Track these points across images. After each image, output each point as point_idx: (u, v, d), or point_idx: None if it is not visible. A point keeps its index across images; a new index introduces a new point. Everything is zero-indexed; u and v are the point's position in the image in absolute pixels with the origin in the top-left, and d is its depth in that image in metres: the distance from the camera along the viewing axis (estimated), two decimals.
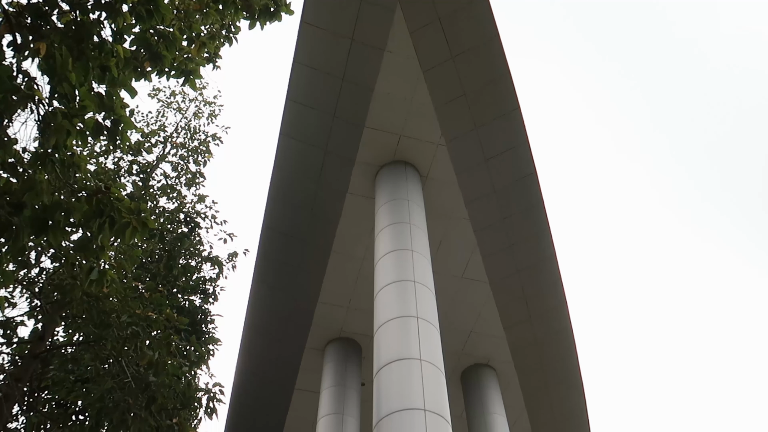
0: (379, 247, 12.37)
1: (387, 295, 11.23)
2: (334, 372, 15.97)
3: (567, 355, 17.33)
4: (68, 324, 9.96)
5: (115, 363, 8.17)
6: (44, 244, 7.57)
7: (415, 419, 9.11)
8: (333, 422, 14.84)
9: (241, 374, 18.09)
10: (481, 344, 16.97)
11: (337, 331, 16.59)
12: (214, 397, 8.26)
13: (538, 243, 15.16)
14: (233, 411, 18.94)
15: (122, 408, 7.70)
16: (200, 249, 11.95)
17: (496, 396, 16.94)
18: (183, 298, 12.02)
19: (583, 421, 19.12)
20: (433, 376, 9.88)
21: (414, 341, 10.22)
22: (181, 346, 8.05)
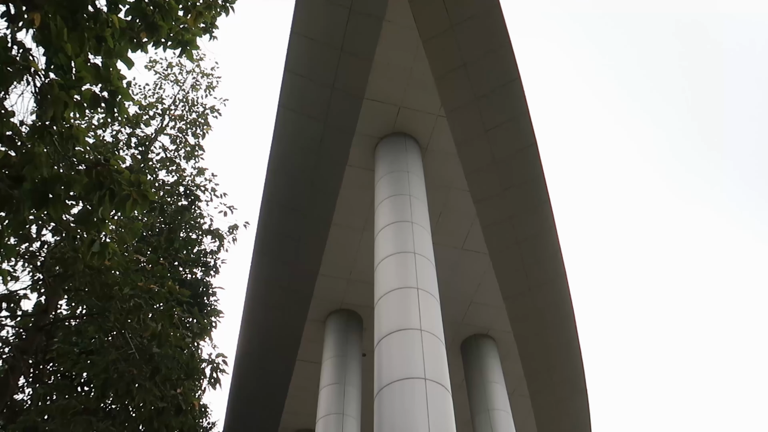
0: (379, 218, 12.38)
1: (387, 266, 11.29)
2: (335, 343, 16.15)
3: (566, 325, 17.50)
4: (71, 297, 10.04)
5: (118, 335, 8.25)
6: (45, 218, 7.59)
7: (416, 388, 9.24)
8: (335, 392, 15.07)
9: (244, 346, 18.30)
10: (481, 314, 17.13)
11: (338, 303, 16.72)
12: (217, 367, 8.37)
13: (538, 214, 15.18)
14: (236, 381, 19.22)
15: (127, 379, 7.80)
16: (200, 222, 11.97)
17: (496, 365, 17.17)
18: (184, 271, 12.09)
19: (581, 389, 19.41)
20: (433, 345, 9.99)
21: (414, 312, 10.31)
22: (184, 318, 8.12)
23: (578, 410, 20.19)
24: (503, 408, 16.32)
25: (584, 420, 20.61)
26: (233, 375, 19.24)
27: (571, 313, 17.19)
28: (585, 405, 20.06)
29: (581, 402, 19.89)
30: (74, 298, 9.88)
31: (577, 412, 20.24)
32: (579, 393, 19.57)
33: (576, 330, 17.59)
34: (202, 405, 9.13)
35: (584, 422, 20.71)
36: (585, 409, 20.24)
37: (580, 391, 19.50)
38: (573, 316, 17.25)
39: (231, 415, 20.09)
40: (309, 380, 17.91)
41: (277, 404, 19.43)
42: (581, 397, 19.74)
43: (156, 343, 7.46)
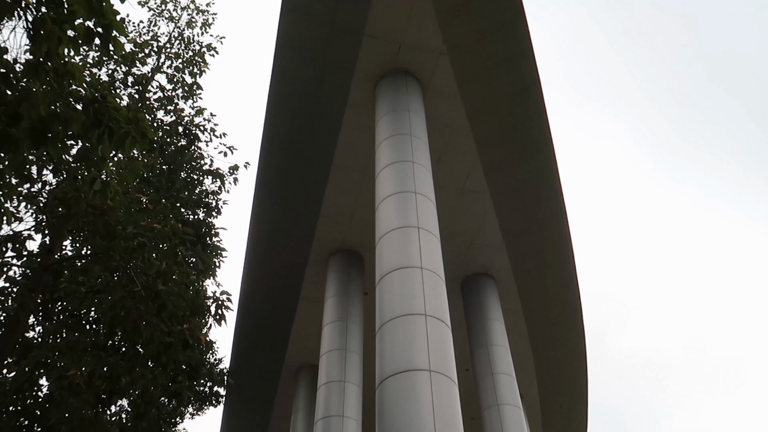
0: (380, 158, 12.34)
1: (388, 206, 11.33)
2: (337, 282, 16.42)
3: (565, 264, 17.73)
4: (75, 237, 10.13)
5: (124, 274, 8.39)
6: (45, 158, 7.58)
7: (417, 323, 9.47)
8: (337, 328, 15.45)
9: (248, 285, 18.62)
10: (481, 254, 17.33)
11: (339, 243, 16.89)
12: (222, 304, 8.53)
13: (540, 155, 15.11)
14: (241, 319, 19.67)
15: (134, 316, 7.98)
16: (201, 163, 11.93)
17: (495, 303, 17.51)
18: (187, 212, 12.15)
19: (578, 326, 19.86)
20: (433, 283, 10.16)
21: (415, 250, 10.42)
22: (188, 256, 8.22)
23: (575, 348, 20.75)
24: (502, 344, 16.77)
25: (580, 357, 21.21)
26: (238, 313, 19.68)
27: (571, 253, 17.38)
28: (582, 342, 20.58)
29: (578, 340, 20.41)
30: (78, 238, 9.97)
31: (573, 349, 20.80)
32: (576, 331, 20.04)
33: (575, 269, 17.83)
34: (208, 341, 9.38)
35: (580, 359, 21.31)
36: (582, 347, 20.79)
37: (578, 329, 19.96)
38: (572, 256, 17.45)
39: (237, 351, 20.67)
40: (312, 318, 18.32)
41: (281, 341, 19.96)
42: (578, 335, 20.23)
43: (161, 281, 7.58)
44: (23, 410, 10.13)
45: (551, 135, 14.70)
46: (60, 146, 5.44)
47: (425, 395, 8.66)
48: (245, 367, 20.93)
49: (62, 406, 8.79)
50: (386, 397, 8.98)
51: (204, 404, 16.12)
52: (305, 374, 20.66)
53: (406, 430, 8.37)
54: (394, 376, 9.04)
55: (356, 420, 14.36)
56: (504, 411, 15.64)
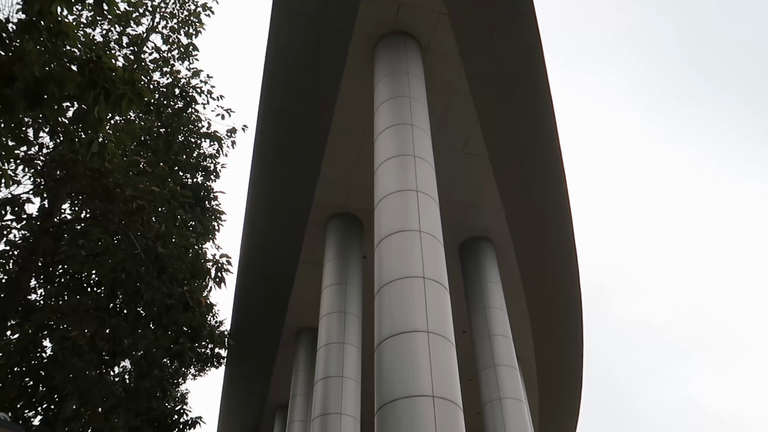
0: (379, 121, 12.25)
1: (387, 169, 11.31)
2: (336, 245, 16.50)
3: (563, 229, 17.80)
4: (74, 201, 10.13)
5: (123, 236, 8.42)
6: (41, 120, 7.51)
7: (415, 286, 9.55)
8: (337, 292, 15.59)
9: (247, 248, 18.72)
10: (480, 218, 17.37)
11: (338, 207, 16.91)
12: (222, 267, 8.59)
13: (540, 118, 15.01)
14: (241, 282, 19.84)
15: (134, 278, 8.05)
16: (198, 125, 11.84)
17: (493, 267, 17.64)
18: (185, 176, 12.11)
19: (575, 289, 20.06)
20: (432, 246, 10.21)
21: (414, 214, 10.45)
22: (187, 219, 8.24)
23: (572, 311, 21.00)
24: (499, 306, 16.96)
25: (577, 320, 21.48)
26: (238, 276, 19.84)
27: (569, 216, 17.43)
28: (578, 305, 20.82)
29: (575, 303, 20.63)
30: (77, 201, 9.97)
31: (570, 312, 21.05)
32: (573, 294, 20.25)
33: (573, 232, 17.91)
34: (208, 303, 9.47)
35: (577, 322, 21.59)
36: (578, 310, 21.04)
37: (575, 292, 20.17)
38: (570, 219, 17.51)
39: (237, 314, 20.91)
40: (311, 281, 18.47)
41: (281, 304, 20.17)
42: (575, 298, 20.44)
43: (161, 243, 7.62)
44: (28, 371, 10.30)
45: (551, 98, 14.57)
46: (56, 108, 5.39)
47: (423, 356, 8.80)
48: (246, 330, 21.21)
49: (66, 366, 8.93)
50: (385, 357, 9.13)
51: (205, 366, 16.37)
52: (305, 336, 20.94)
53: (404, 389, 8.53)
54: (393, 337, 9.17)
55: (355, 380, 14.62)
56: (500, 372, 15.92)
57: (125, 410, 9.57)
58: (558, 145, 15.65)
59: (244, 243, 18.67)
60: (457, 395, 8.78)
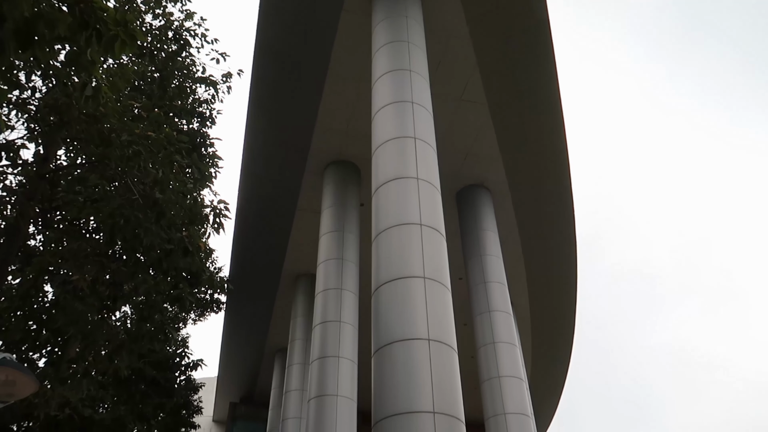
0: (377, 67, 12.05)
1: (384, 115, 11.21)
2: (333, 193, 16.52)
3: (560, 176, 17.81)
4: (70, 146, 10.05)
5: (120, 182, 8.41)
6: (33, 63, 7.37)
7: (412, 232, 9.63)
8: (334, 239, 15.71)
9: (244, 195, 18.74)
10: (477, 166, 17.33)
11: (335, 155, 16.83)
12: (220, 213, 8.62)
13: (540, 63, 14.77)
14: (239, 229, 19.95)
15: (133, 224, 8.09)
16: (193, 70, 11.63)
17: (490, 214, 17.73)
18: (180, 122, 11.99)
19: (570, 236, 20.24)
20: (429, 193, 10.24)
21: (411, 161, 10.42)
22: (184, 164, 8.22)
23: (566, 258, 21.25)
24: (495, 254, 17.15)
25: (571, 266, 21.76)
26: (236, 223, 19.93)
27: (566, 164, 17.42)
28: (573, 252, 21.05)
29: (570, 250, 20.86)
30: (73, 146, 9.90)
31: (565, 259, 21.31)
32: (568, 241, 20.44)
33: (570, 180, 17.94)
34: (207, 248, 9.56)
35: (571, 269, 21.88)
36: (573, 257, 21.28)
37: (570, 239, 20.35)
38: (568, 167, 17.50)
39: (236, 261, 21.12)
40: (309, 228, 18.58)
41: (279, 250, 20.35)
42: (570, 245, 20.65)
43: (158, 189, 7.62)
44: (31, 314, 10.48)
45: (552, 43, 14.31)
46: (47, 50, 5.28)
47: (419, 301, 8.97)
48: (244, 276, 21.47)
49: (68, 310, 9.09)
50: (381, 302, 9.30)
51: (205, 311, 16.66)
52: (303, 282, 21.23)
53: (400, 333, 8.73)
54: (390, 282, 9.31)
55: (353, 325, 14.92)
56: (495, 317, 16.26)
57: (128, 352, 9.80)
58: (557, 92, 15.47)
59: (241, 190, 18.67)
60: (452, 338, 8.99)
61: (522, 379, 15.75)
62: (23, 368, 5.92)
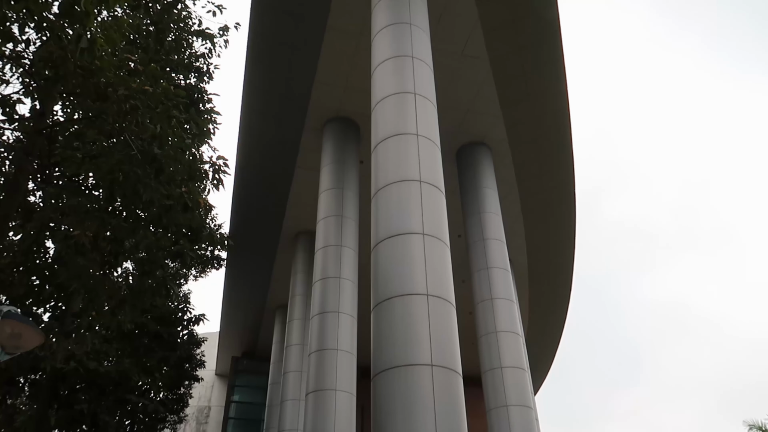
0: (376, 21, 11.82)
1: (384, 70, 11.06)
2: (333, 150, 16.44)
3: (561, 132, 17.70)
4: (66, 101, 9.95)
5: (118, 138, 8.36)
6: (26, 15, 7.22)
7: (411, 189, 9.64)
8: (334, 196, 15.73)
9: (243, 152, 18.65)
10: (478, 123, 17.21)
11: (335, 111, 16.68)
12: (219, 169, 8.60)
13: (542, 18, 14.48)
14: (238, 187, 19.93)
15: (132, 179, 8.07)
16: (189, 23, 11.39)
17: (489, 172, 17.70)
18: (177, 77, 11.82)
19: (570, 193, 20.25)
20: (428, 149, 10.20)
21: (411, 117, 10.34)
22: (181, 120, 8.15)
23: (565, 215, 21.31)
24: (494, 211, 17.20)
25: (570, 224, 21.85)
26: (235, 181, 19.91)
27: (567, 121, 17.29)
28: (572, 210, 21.10)
29: (568, 207, 20.90)
30: (70, 102, 9.80)
31: (563, 217, 21.37)
32: (567, 199, 20.46)
33: (570, 137, 17.84)
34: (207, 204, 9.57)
35: (569, 226, 21.97)
36: (571, 214, 21.34)
37: (569, 196, 20.37)
38: (569, 124, 17.38)
39: (235, 218, 21.18)
40: (309, 186, 18.56)
41: (279, 208, 20.40)
42: (569, 202, 20.68)
43: (157, 144, 7.58)
44: (33, 270, 10.58)
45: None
46: (41, 2, 5.19)
47: (418, 257, 9.04)
48: (244, 233, 21.56)
49: (70, 265, 9.16)
50: (381, 258, 9.38)
51: (206, 267, 16.82)
52: (303, 239, 21.35)
53: (399, 288, 8.84)
54: (389, 239, 9.37)
55: (352, 281, 15.09)
56: (493, 274, 16.42)
57: (131, 306, 9.93)
58: (560, 47, 15.23)
59: (240, 147, 18.58)
60: (451, 294, 9.11)
61: (519, 334, 16.02)
62: (28, 321, 6.02)
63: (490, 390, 15.00)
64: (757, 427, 26.46)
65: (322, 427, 12.83)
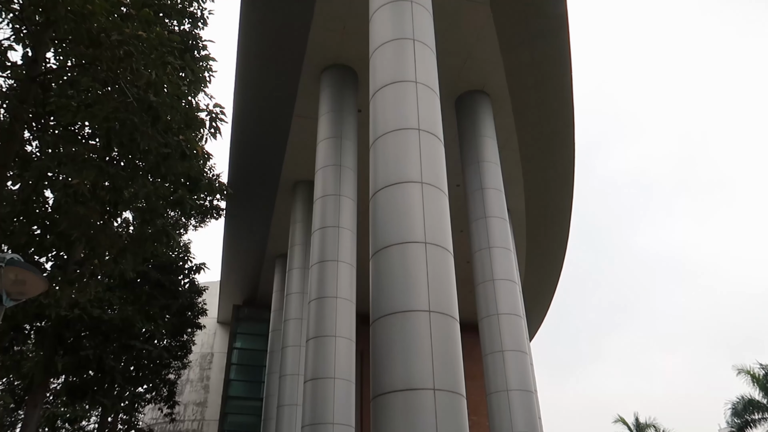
0: None
1: (382, 15, 10.82)
2: (330, 98, 16.24)
3: (561, 78, 17.47)
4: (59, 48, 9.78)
5: (113, 86, 8.25)
6: None
7: (410, 137, 9.60)
8: (332, 145, 15.64)
9: (240, 101, 18.44)
10: (477, 70, 16.94)
11: (332, 58, 16.39)
12: (216, 117, 8.53)
13: None
14: (236, 136, 19.80)
15: (129, 128, 8.03)
16: None
17: (489, 120, 17.55)
18: (171, 23, 11.57)
19: (569, 143, 20.17)
20: (427, 97, 10.09)
21: (410, 63, 10.19)
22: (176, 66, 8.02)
23: (564, 165, 21.27)
24: (493, 160, 17.16)
25: (568, 174, 21.84)
26: (232, 130, 19.75)
27: (568, 67, 17.04)
28: (571, 160, 21.06)
29: (568, 157, 20.85)
30: (62, 49, 9.63)
31: (562, 166, 21.34)
32: (567, 148, 20.39)
33: (571, 84, 17.64)
34: (205, 152, 9.54)
35: (568, 176, 21.97)
36: (570, 164, 21.31)
37: (568, 146, 20.29)
38: (570, 70, 17.14)
39: (233, 168, 21.14)
40: (306, 135, 18.43)
41: (276, 157, 20.31)
42: (568, 152, 20.61)
43: (152, 91, 7.49)
44: (34, 219, 10.63)
45: None
46: None
47: (417, 204, 9.09)
48: (243, 183, 21.55)
49: (70, 214, 9.20)
50: (379, 207, 9.43)
51: (205, 217, 16.89)
52: (301, 189, 21.36)
53: (397, 236, 8.93)
54: (387, 187, 9.40)
55: (351, 230, 15.19)
56: (491, 223, 16.52)
57: (132, 255, 10.03)
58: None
59: (236, 96, 18.34)
60: (448, 242, 9.20)
61: (515, 282, 16.26)
62: (32, 268, 6.10)
63: (486, 336, 15.33)
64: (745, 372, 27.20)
65: (323, 372, 13.19)
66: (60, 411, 20.90)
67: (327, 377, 13.12)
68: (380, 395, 7.97)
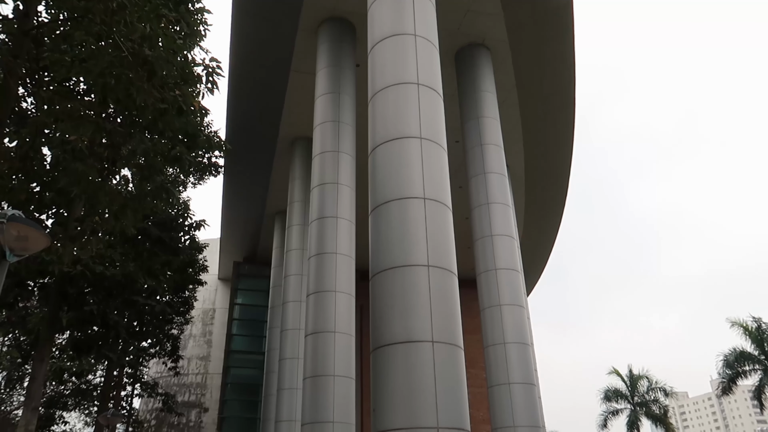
0: None
1: None
2: (328, 53, 15.99)
3: (563, 33, 17.17)
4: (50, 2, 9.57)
5: (107, 40, 8.12)
6: None
7: (409, 92, 9.51)
8: (330, 101, 15.49)
9: (236, 56, 18.16)
10: (478, 23, 16.62)
11: (330, 10, 16.05)
12: (212, 71, 8.43)
13: None
14: (233, 92, 19.57)
15: (125, 83, 7.94)
16: None
17: (488, 75, 17.32)
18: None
19: (569, 99, 19.97)
20: (426, 51, 9.95)
21: (408, 16, 10.00)
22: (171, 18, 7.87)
23: (564, 121, 21.11)
24: (492, 116, 17.02)
25: (568, 130, 21.70)
26: (229, 87, 19.51)
27: (570, 21, 16.73)
28: (571, 115, 20.89)
29: (568, 113, 20.67)
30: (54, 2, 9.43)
31: (562, 122, 21.18)
32: (567, 104, 20.19)
33: (573, 39, 17.34)
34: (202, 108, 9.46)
35: (568, 132, 21.83)
36: (570, 120, 21.15)
37: (569, 102, 20.09)
38: (572, 25, 16.83)
39: (231, 125, 20.97)
40: (304, 91, 18.22)
41: (274, 114, 20.13)
42: (568, 108, 20.43)
43: (147, 46, 7.38)
44: (33, 176, 10.62)
45: None
46: None
47: (415, 160, 9.08)
48: (241, 140, 21.41)
49: (69, 170, 9.20)
50: (378, 162, 9.42)
51: (204, 174, 16.89)
52: (300, 145, 21.24)
53: (396, 192, 8.95)
54: (386, 143, 9.37)
55: (350, 187, 15.19)
56: (489, 179, 16.50)
57: (132, 211, 10.07)
58: None
59: (232, 51, 18.05)
60: (447, 198, 9.23)
61: (513, 237, 16.36)
62: (34, 224, 6.13)
63: (484, 290, 15.54)
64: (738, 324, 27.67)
65: (323, 326, 13.41)
66: (66, 365, 21.36)
67: (327, 331, 13.35)
68: (380, 347, 8.14)
